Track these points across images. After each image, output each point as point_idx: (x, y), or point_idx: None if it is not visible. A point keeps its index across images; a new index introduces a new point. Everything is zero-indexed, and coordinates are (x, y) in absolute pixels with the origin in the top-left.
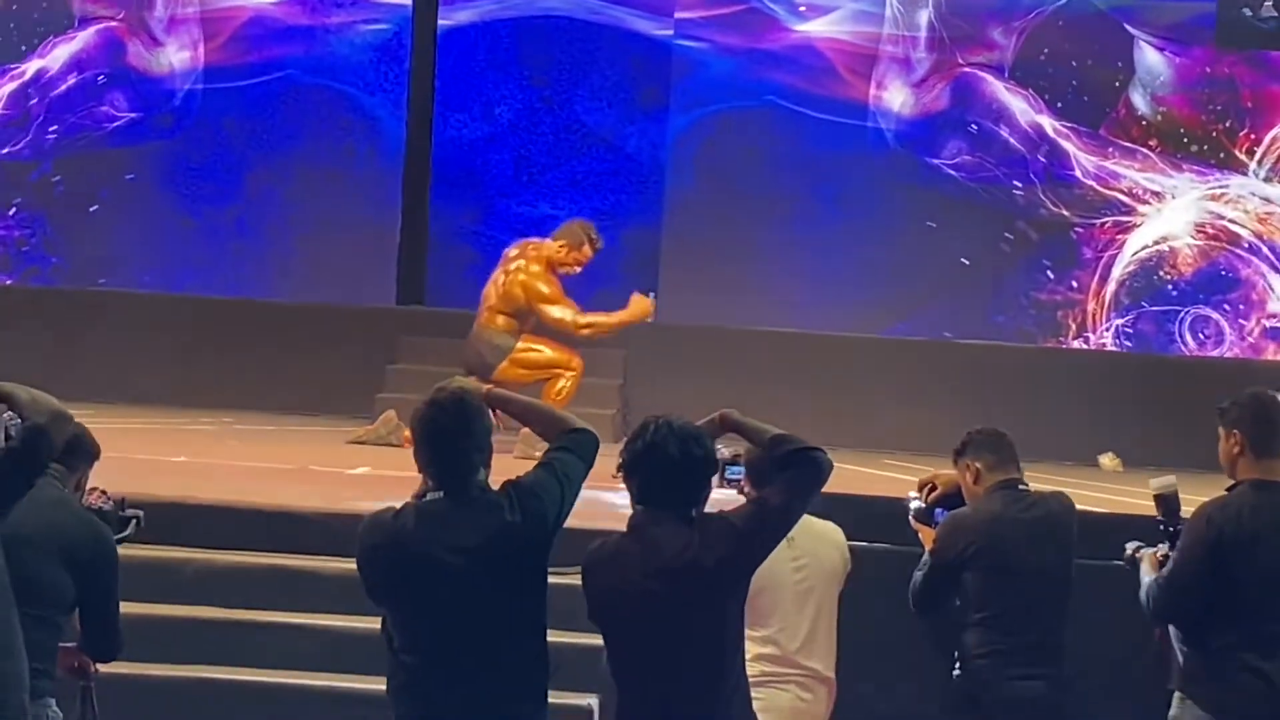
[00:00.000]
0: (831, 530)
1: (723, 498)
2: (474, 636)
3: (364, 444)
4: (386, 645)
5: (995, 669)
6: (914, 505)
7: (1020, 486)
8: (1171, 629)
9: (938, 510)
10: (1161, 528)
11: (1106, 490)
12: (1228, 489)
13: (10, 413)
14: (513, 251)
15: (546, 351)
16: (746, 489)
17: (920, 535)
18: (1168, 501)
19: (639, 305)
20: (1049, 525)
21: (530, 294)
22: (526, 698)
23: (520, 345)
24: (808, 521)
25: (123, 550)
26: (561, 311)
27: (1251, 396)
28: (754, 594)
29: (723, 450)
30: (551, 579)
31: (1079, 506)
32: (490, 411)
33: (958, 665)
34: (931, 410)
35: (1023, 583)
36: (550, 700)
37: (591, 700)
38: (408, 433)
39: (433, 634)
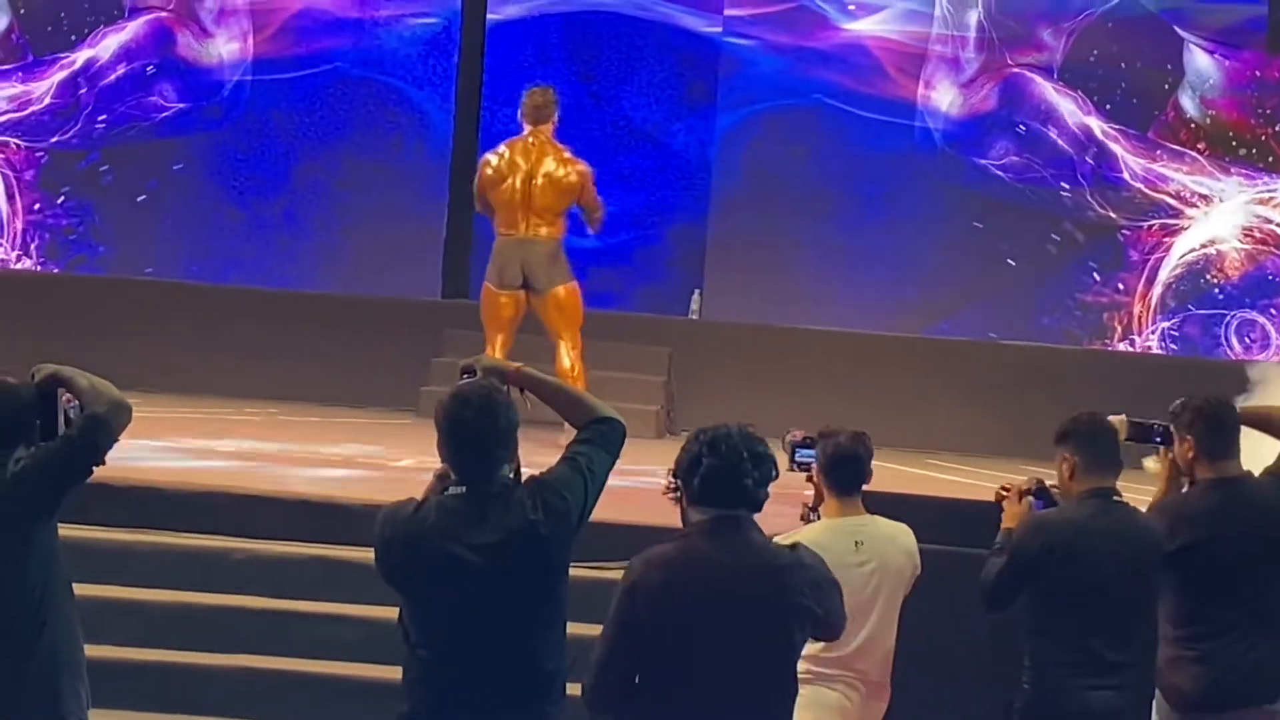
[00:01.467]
0: (902, 532)
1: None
2: (491, 633)
3: None
4: (403, 639)
5: (1066, 679)
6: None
7: (1115, 498)
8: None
9: (1035, 501)
10: (1158, 440)
11: (1149, 494)
12: (1185, 490)
13: (70, 396)
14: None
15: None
16: (816, 476)
17: (1004, 513)
18: (1136, 429)
19: None
20: (1134, 545)
21: (586, 179)
22: (544, 693)
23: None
24: (877, 522)
25: (167, 539)
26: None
27: (1203, 400)
28: None
29: (793, 432)
30: (574, 571)
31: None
32: (519, 393)
33: (1027, 674)
34: (976, 411)
35: (1100, 596)
36: (571, 693)
37: None
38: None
39: (449, 629)
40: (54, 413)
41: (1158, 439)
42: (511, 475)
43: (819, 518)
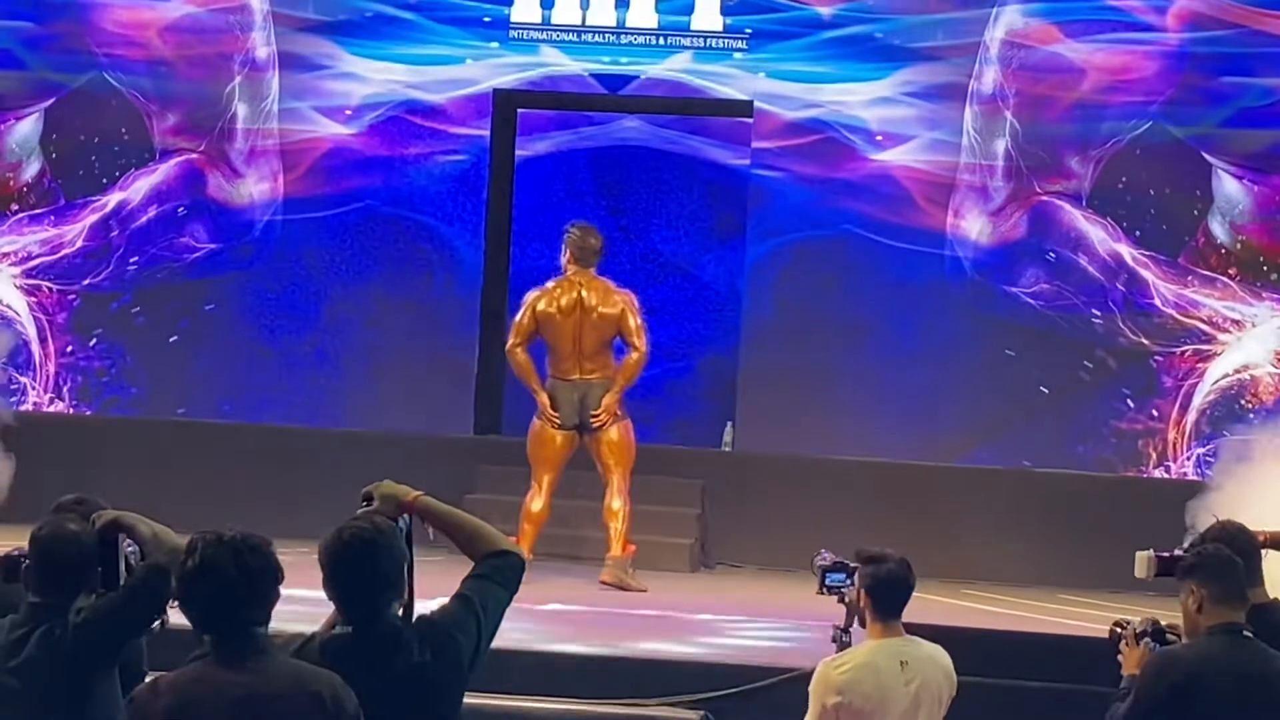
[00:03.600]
0: (940, 654)
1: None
2: None
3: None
4: None
5: None
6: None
7: (1245, 633)
8: None
9: (1152, 644)
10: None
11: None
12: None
13: (131, 543)
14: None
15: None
16: (849, 598)
17: (1122, 658)
18: (1165, 563)
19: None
20: (1268, 685)
21: (629, 305)
22: None
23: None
24: (918, 643)
25: None
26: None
27: (1220, 529)
28: (869, 713)
29: (825, 555)
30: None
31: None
32: (421, 522)
33: None
34: (1012, 540)
35: None
36: None
37: None
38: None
39: None
40: (115, 560)
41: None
42: (401, 612)
43: (849, 639)
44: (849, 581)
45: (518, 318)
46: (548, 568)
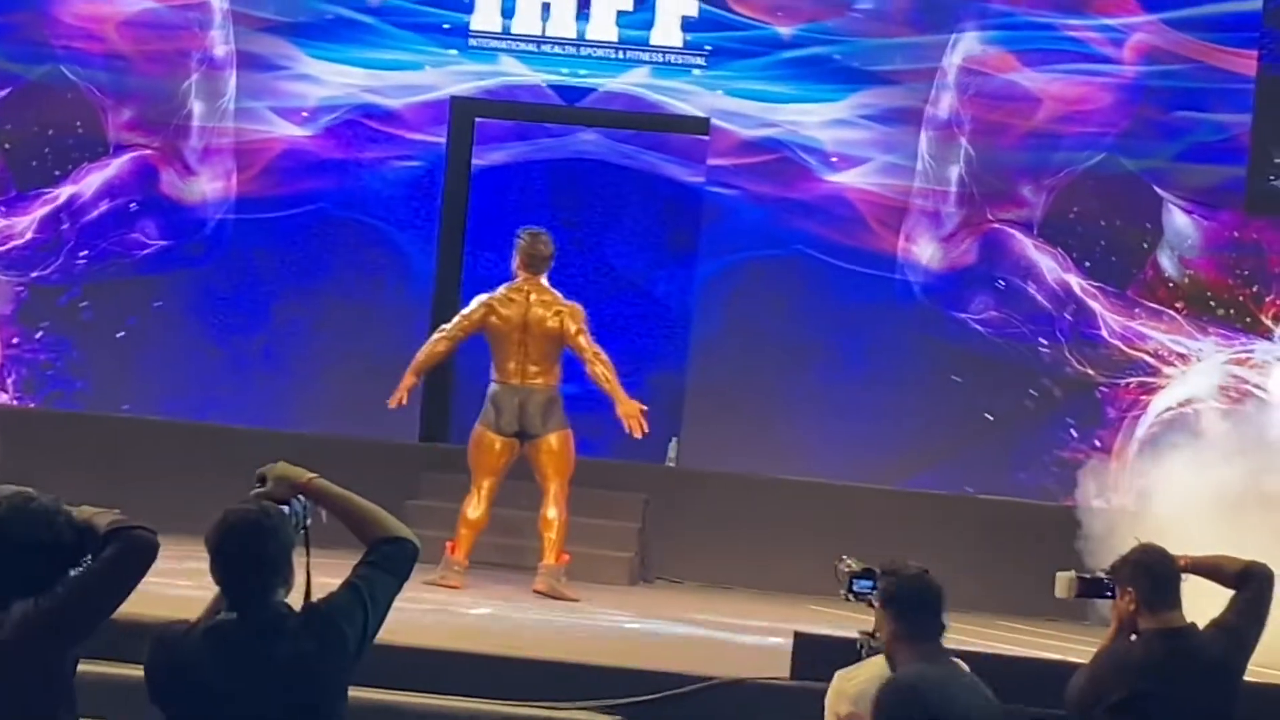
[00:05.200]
0: (978, 684)
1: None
2: None
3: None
4: None
5: None
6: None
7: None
8: None
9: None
10: (1109, 594)
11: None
12: (1130, 643)
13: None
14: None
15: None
16: (877, 603)
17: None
18: (1086, 584)
19: None
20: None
21: (577, 316)
22: None
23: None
24: (953, 666)
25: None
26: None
27: (1141, 551)
28: None
29: (848, 562)
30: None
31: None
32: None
33: None
34: (952, 564)
35: None
36: None
37: None
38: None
39: None
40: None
41: (1109, 593)
42: (287, 597)
43: (879, 643)
44: (876, 588)
45: (467, 309)
46: (487, 575)
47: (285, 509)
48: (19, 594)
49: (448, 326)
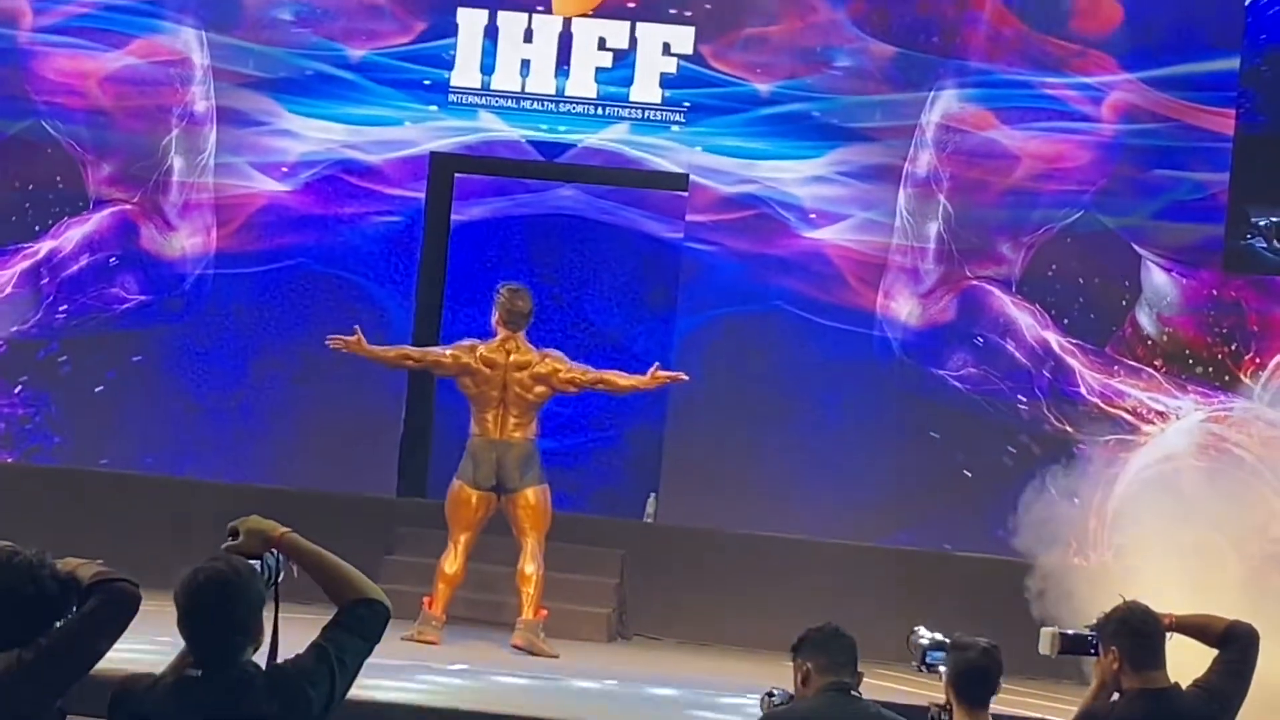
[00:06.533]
0: None
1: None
2: None
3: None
4: None
5: None
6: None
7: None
8: None
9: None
10: (1093, 651)
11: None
12: (1113, 702)
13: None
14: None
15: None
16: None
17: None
18: (1069, 640)
19: None
20: None
21: (559, 360)
22: None
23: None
24: None
25: None
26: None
27: (1127, 610)
28: None
29: (919, 632)
30: None
31: None
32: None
33: None
34: (930, 622)
35: None
36: None
37: None
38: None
39: None
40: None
41: (1093, 650)
42: (254, 655)
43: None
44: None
45: (451, 346)
46: (464, 631)
47: (256, 564)
48: (2, 647)
49: (424, 349)
